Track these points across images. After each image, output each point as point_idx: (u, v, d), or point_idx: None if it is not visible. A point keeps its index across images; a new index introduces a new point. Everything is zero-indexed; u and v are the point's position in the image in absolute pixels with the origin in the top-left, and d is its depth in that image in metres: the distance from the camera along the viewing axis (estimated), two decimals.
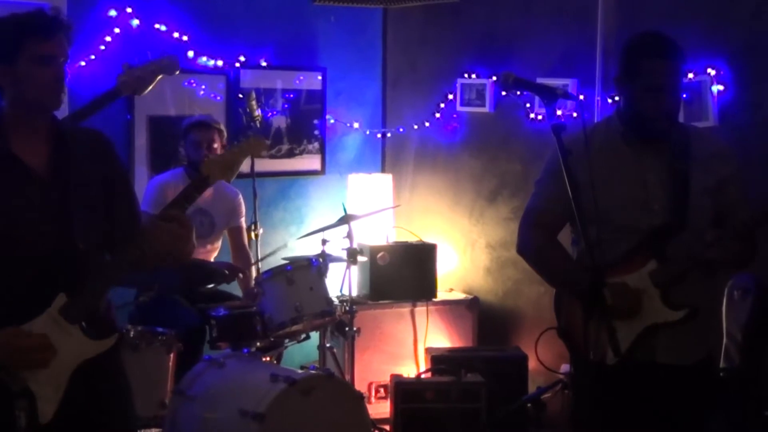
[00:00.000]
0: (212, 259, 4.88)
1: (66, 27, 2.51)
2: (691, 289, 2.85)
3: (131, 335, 4.02)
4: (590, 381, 2.87)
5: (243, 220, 4.98)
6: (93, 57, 4.87)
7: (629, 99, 2.94)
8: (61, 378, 2.41)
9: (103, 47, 4.92)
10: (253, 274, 4.83)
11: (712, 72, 4.37)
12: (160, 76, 3.75)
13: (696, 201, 2.88)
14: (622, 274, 2.86)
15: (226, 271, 4.69)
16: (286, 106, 5.71)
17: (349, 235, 4.75)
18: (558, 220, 3.01)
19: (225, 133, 4.82)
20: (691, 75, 4.35)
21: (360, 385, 4.88)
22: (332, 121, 5.94)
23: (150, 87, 3.76)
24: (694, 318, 2.84)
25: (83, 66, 4.82)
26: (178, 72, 3.85)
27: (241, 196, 4.96)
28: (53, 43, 2.47)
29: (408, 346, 5.27)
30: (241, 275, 4.79)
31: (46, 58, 2.46)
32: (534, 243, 3.08)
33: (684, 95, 3.73)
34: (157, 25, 5.12)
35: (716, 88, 4.37)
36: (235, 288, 4.95)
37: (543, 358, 3.52)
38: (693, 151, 2.93)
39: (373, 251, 5.24)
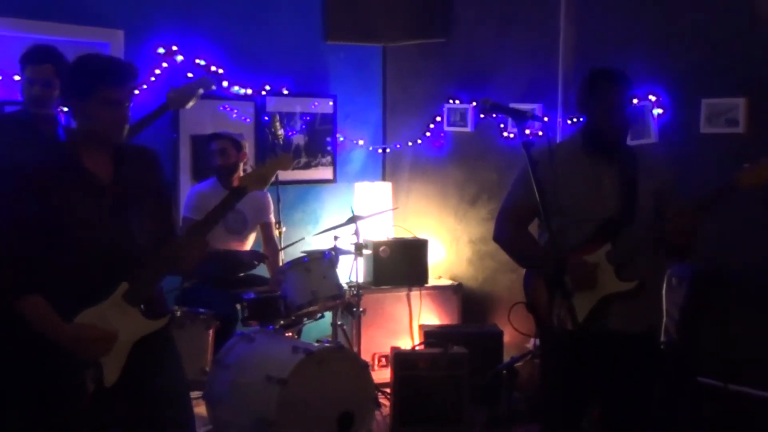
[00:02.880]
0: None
1: (135, 77, 2.48)
2: (639, 266, 2.90)
3: (178, 315, 4.01)
4: (553, 346, 2.91)
5: (272, 216, 4.90)
6: (145, 86, 4.86)
7: (590, 117, 3.00)
8: (123, 350, 2.45)
9: (153, 78, 4.89)
10: (279, 261, 4.79)
11: (653, 98, 4.39)
12: (200, 91, 3.78)
13: (642, 200, 2.93)
14: (583, 255, 2.89)
15: (255, 261, 4.70)
16: (303, 126, 5.70)
17: (356, 233, 4.73)
18: (527, 215, 3.04)
19: (243, 144, 4.69)
20: (635, 100, 4.38)
21: (365, 356, 4.89)
22: (342, 138, 5.92)
23: (192, 101, 3.74)
24: (642, 290, 2.88)
25: (137, 95, 4.82)
26: (213, 87, 3.83)
27: (269, 195, 4.86)
28: (122, 90, 2.43)
29: (405, 324, 5.26)
30: (266, 260, 4.73)
31: (114, 103, 2.42)
32: (507, 232, 3.10)
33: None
34: (197, 60, 5.07)
35: (656, 111, 4.39)
36: (264, 272, 4.97)
37: (516, 332, 3.59)
38: (639, 163, 2.98)
39: (376, 245, 5.22)
